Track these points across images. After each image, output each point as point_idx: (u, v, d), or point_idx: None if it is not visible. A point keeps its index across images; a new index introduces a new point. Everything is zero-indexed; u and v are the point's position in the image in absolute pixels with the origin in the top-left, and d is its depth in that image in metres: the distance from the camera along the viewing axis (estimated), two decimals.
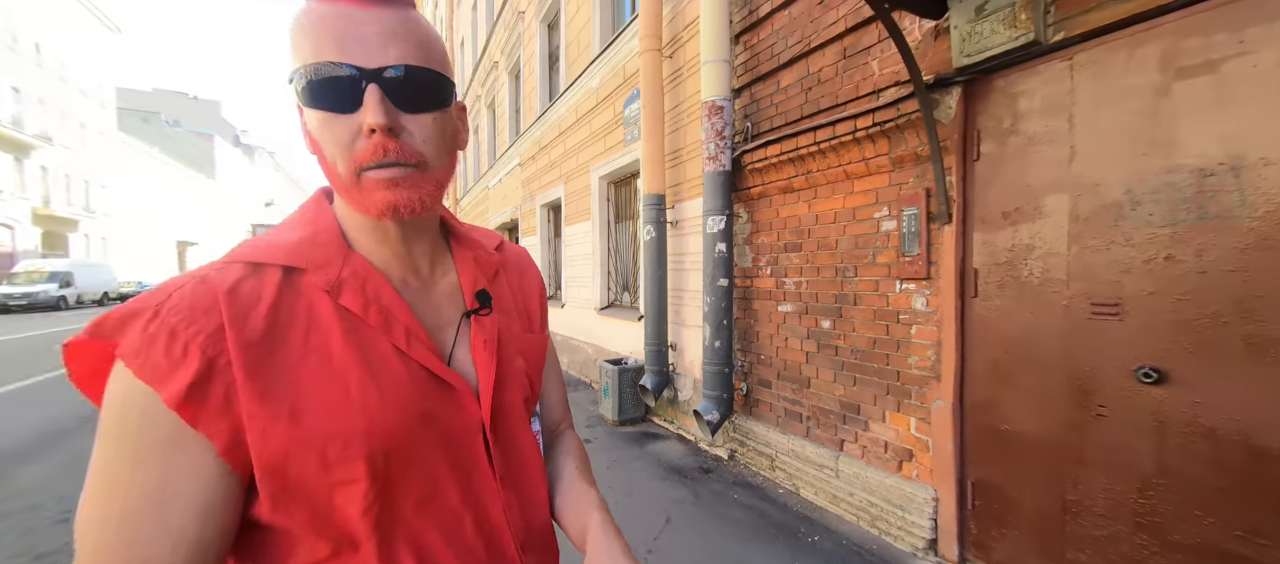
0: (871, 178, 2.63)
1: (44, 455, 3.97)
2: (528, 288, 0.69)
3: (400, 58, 0.47)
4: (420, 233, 0.57)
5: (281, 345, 0.46)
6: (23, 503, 3.14)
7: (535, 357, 0.65)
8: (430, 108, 0.49)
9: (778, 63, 3.20)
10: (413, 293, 0.56)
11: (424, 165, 0.50)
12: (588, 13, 5.99)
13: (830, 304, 2.89)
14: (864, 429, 2.71)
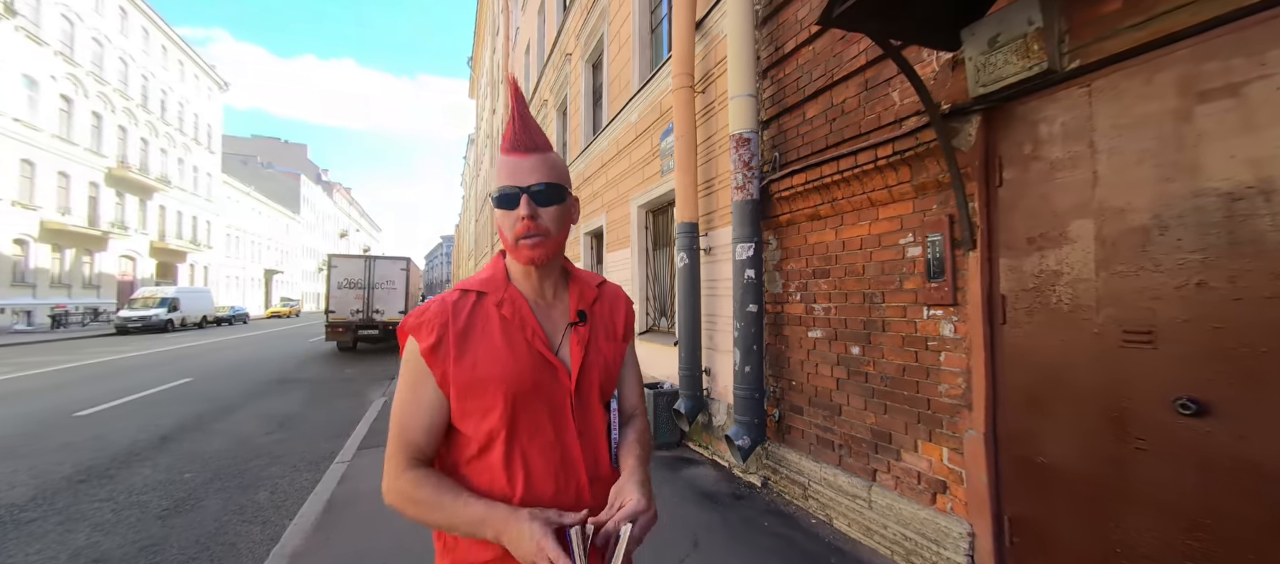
0: (896, 205, 2.65)
1: (153, 457, 4.55)
2: (616, 312, 1.01)
3: (537, 180, 0.84)
4: (547, 274, 0.93)
5: (471, 332, 0.86)
6: (134, 499, 3.62)
7: (613, 358, 0.96)
8: (553, 204, 0.86)
9: (803, 95, 3.30)
10: (540, 310, 0.92)
11: (547, 234, 0.86)
12: (628, 54, 6.35)
13: (859, 330, 2.89)
14: (896, 459, 2.66)
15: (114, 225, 24.60)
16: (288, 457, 4.62)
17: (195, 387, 8.13)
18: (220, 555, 2.87)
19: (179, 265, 30.81)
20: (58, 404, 6.72)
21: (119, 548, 2.93)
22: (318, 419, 6.09)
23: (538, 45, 12.54)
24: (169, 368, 10.27)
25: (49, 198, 20.88)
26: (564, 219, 0.89)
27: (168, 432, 5.41)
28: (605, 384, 0.94)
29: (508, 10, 17.42)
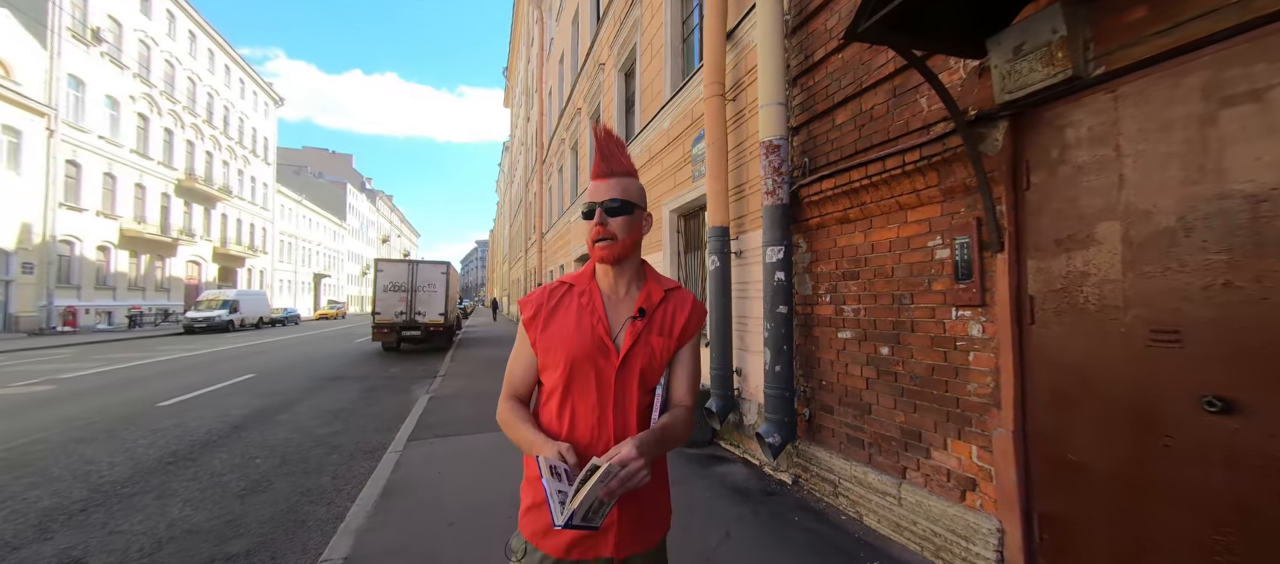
0: (924, 208, 2.72)
1: (226, 444, 5.00)
2: (678, 315, 1.17)
3: (610, 196, 1.11)
4: (621, 273, 1.17)
5: (557, 312, 1.15)
6: (212, 482, 4.02)
7: (660, 351, 1.13)
8: (620, 215, 1.11)
9: (832, 102, 3.39)
10: (611, 302, 1.16)
11: (614, 238, 1.11)
12: (660, 63, 6.53)
13: (888, 331, 2.95)
14: (926, 457, 2.71)
15: (182, 232, 26.58)
16: (345, 446, 4.99)
17: (258, 382, 8.77)
18: (292, 530, 3.18)
19: (238, 270, 32.94)
20: (142, 395, 7.41)
21: (207, 521, 3.29)
22: (370, 413, 6.51)
23: (572, 55, 12.91)
24: (233, 365, 11.08)
25: (127, 207, 22.79)
26: (631, 227, 1.11)
27: (238, 421, 5.91)
28: (647, 371, 1.10)
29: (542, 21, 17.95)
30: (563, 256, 14.13)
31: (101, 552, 2.85)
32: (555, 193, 15.84)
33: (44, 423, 5.73)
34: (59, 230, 19.03)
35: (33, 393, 7.60)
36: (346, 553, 2.68)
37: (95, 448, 4.79)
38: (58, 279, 19.12)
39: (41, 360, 11.60)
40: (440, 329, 14.05)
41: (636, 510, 1.09)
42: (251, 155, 35.04)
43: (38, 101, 17.91)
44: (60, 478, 3.99)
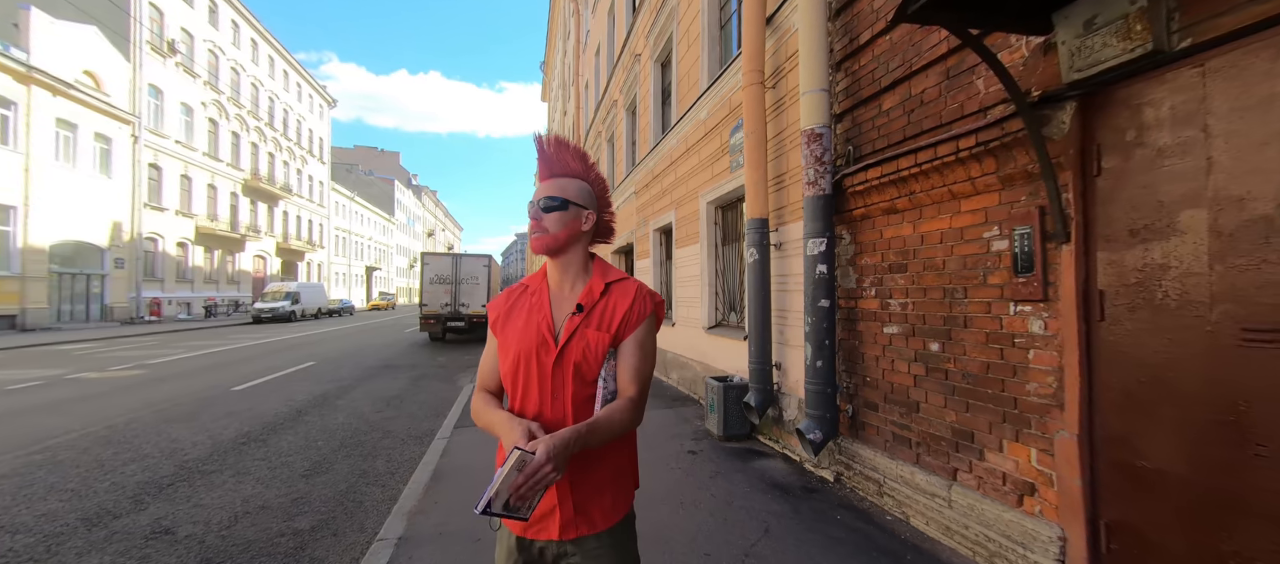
0: (979, 197, 2.57)
1: (291, 427, 5.38)
2: (617, 307, 1.17)
3: (547, 195, 1.17)
4: (566, 269, 1.21)
5: (512, 312, 1.22)
6: (280, 462, 4.32)
7: (596, 345, 1.13)
8: (556, 211, 1.16)
9: (878, 87, 3.24)
10: (557, 299, 1.20)
11: (546, 231, 1.16)
12: (697, 52, 6.43)
13: (939, 326, 2.82)
14: (979, 458, 2.59)
15: (249, 229, 28.55)
16: (397, 432, 5.26)
17: (317, 369, 9.35)
18: (351, 510, 3.39)
19: (298, 263, 35.10)
20: (219, 380, 8.06)
21: (277, 498, 3.55)
22: (419, 400, 6.83)
23: (608, 47, 12.90)
24: (295, 353, 11.86)
25: (201, 206, 24.68)
26: (566, 222, 1.16)
27: (301, 406, 6.33)
28: (582, 364, 1.12)
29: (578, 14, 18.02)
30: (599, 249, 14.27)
31: (187, 522, 3.14)
32: None
33: (136, 404, 6.33)
34: (144, 228, 20.85)
35: (127, 376, 8.40)
36: (400, 534, 2.83)
37: (180, 428, 5.26)
38: (144, 273, 20.98)
39: (132, 347, 12.79)
40: (482, 320, 14.53)
41: (581, 496, 1.12)
42: (308, 155, 37.10)
43: (124, 110, 19.59)
44: (151, 455, 4.41)
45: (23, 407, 6.14)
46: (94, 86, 18.30)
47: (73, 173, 17.41)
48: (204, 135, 25.02)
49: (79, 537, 2.94)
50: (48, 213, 16.23)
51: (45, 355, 10.96)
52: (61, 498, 3.48)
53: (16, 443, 4.68)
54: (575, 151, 1.20)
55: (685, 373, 6.88)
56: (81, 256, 18.17)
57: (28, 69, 15.30)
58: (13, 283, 15.22)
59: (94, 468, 4.06)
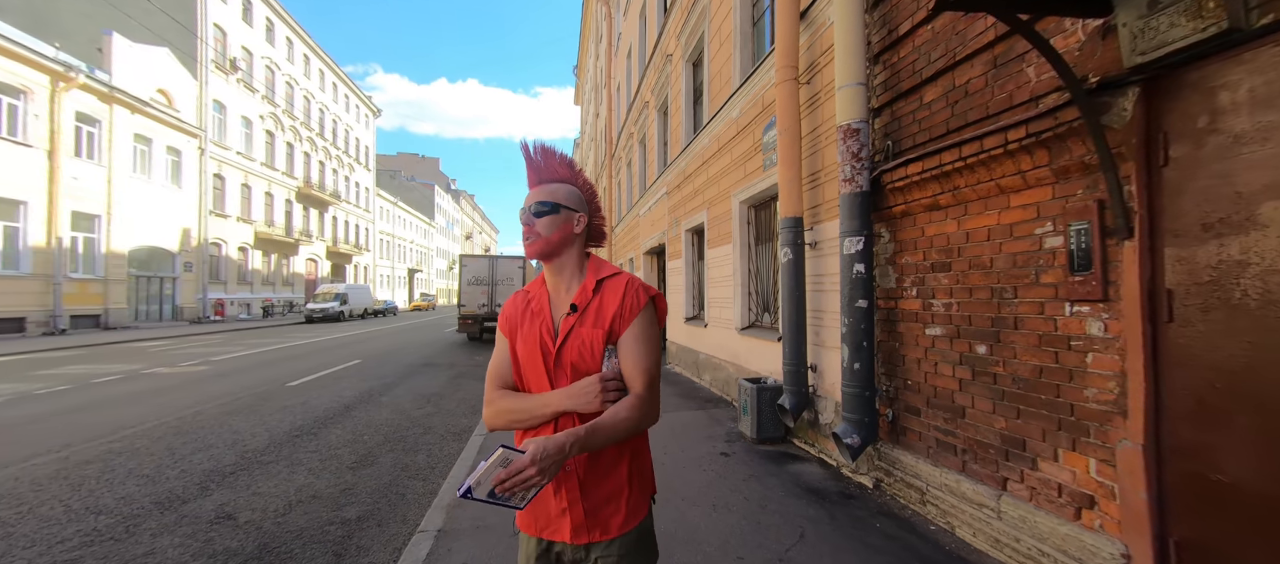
0: (1030, 191, 2.43)
1: (340, 421, 5.65)
2: (608, 303, 1.17)
3: (537, 201, 1.19)
4: (560, 271, 1.22)
5: (515, 318, 1.24)
6: (330, 455, 4.55)
7: (591, 342, 1.14)
8: (547, 216, 1.18)
9: (920, 78, 3.12)
10: (554, 300, 1.23)
11: (538, 236, 1.18)
12: (729, 49, 6.37)
13: (986, 328, 2.68)
14: (1031, 468, 2.44)
15: (302, 233, 30.19)
16: (437, 428, 5.44)
17: (364, 367, 9.79)
18: (394, 502, 3.53)
19: (346, 266, 36.86)
20: (275, 376, 8.56)
21: (327, 488, 3.74)
22: (457, 397, 7.04)
23: (639, 48, 12.95)
24: (343, 351, 12.45)
25: (259, 213, 26.28)
26: (557, 226, 1.18)
27: (349, 402, 6.65)
28: (579, 364, 1.13)
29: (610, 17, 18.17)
30: (632, 249, 14.30)
31: (247, 509, 3.35)
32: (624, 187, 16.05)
33: (202, 397, 6.80)
34: (209, 234, 22.38)
35: (194, 372, 9.05)
36: (439, 526, 2.93)
37: (240, 420, 5.61)
38: (209, 276, 22.53)
39: (199, 344, 13.76)
40: None
41: (593, 501, 1.11)
42: (355, 163, 38.92)
43: (192, 125, 21.12)
44: (215, 445, 4.73)
45: (106, 398, 6.70)
46: (166, 104, 19.81)
47: (148, 184, 18.89)
48: (262, 146, 26.64)
49: (153, 519, 3.18)
50: (126, 221, 17.67)
51: (125, 351, 11.92)
52: (138, 482, 3.78)
53: (101, 431, 5.12)
54: (562, 158, 1.23)
55: (718, 374, 6.81)
56: (155, 261, 19.69)
57: (110, 89, 16.72)
58: (97, 285, 16.66)
59: (166, 456, 4.39)
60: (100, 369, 9.14)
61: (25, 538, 2.92)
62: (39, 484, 3.72)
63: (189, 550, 2.80)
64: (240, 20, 25.17)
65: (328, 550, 2.83)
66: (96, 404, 6.37)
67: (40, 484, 3.72)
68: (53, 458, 4.30)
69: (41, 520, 3.14)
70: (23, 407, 6.18)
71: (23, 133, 14.29)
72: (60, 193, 15.09)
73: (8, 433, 5.03)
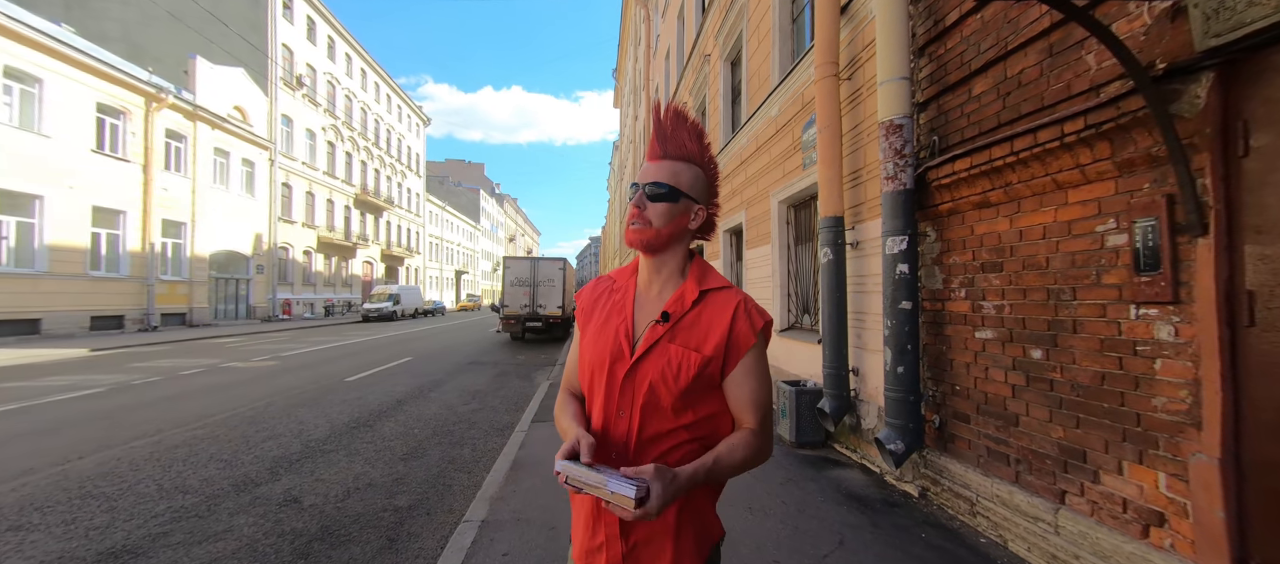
0: (1090, 186, 2.28)
1: (393, 415, 5.97)
2: (712, 325, 0.97)
3: (656, 179, 0.99)
4: (658, 269, 1.03)
5: (594, 309, 1.09)
6: (384, 446, 4.82)
7: (679, 364, 0.94)
8: (664, 201, 0.98)
9: (968, 70, 2.99)
10: (644, 301, 1.04)
11: (649, 224, 0.98)
12: (767, 48, 6.28)
13: (1041, 331, 2.54)
14: (1093, 481, 2.30)
15: (359, 237, 32.02)
16: (481, 423, 5.66)
17: (414, 364, 10.29)
18: (442, 492, 3.71)
19: (399, 268, 38.78)
20: (334, 372, 9.15)
21: (381, 477, 3.98)
22: (501, 395, 7.29)
23: (677, 50, 12.96)
24: (396, 349, 13.12)
25: (321, 218, 28.09)
26: (672, 216, 0.97)
27: (401, 397, 7.02)
28: (659, 384, 0.93)
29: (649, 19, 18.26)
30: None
31: (311, 493, 3.61)
32: None
33: (272, 390, 7.37)
34: (278, 239, 24.14)
35: (265, 366, 9.80)
36: (483, 517, 3.06)
37: (305, 411, 6.04)
38: (278, 277, 24.29)
39: (269, 341, 14.87)
40: (558, 320, 15.17)
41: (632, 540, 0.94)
42: (407, 170, 40.90)
43: (263, 138, 22.85)
44: (283, 434, 5.12)
45: (191, 390, 7.38)
46: (241, 119, 21.54)
47: (226, 193, 20.60)
48: (324, 156, 28.48)
49: (230, 500, 3.49)
50: (208, 227, 19.34)
51: (206, 347, 13.06)
52: (217, 466, 4.15)
53: (187, 419, 5.65)
54: (693, 129, 1.01)
55: None
56: (232, 264, 21.43)
57: (194, 108, 18.37)
58: (183, 286, 18.31)
59: (241, 443, 4.80)
60: (186, 363, 10.06)
61: (126, 511, 3.28)
62: (136, 465, 4.16)
63: (261, 529, 3.06)
64: (305, 39, 27.00)
65: (381, 535, 3.02)
66: (183, 394, 7.02)
67: (137, 465, 4.16)
68: (147, 442, 4.78)
69: (138, 497, 3.51)
70: (123, 396, 6.90)
71: (123, 149, 15.93)
72: (153, 203, 16.70)
73: (112, 419, 5.64)
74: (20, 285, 12.99)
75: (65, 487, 3.67)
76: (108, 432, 5.09)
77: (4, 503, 3.38)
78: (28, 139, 13.17)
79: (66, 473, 3.94)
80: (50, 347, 11.70)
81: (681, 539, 0.94)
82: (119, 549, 2.80)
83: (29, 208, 13.35)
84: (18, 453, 4.40)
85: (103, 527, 3.06)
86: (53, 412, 5.94)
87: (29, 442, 4.73)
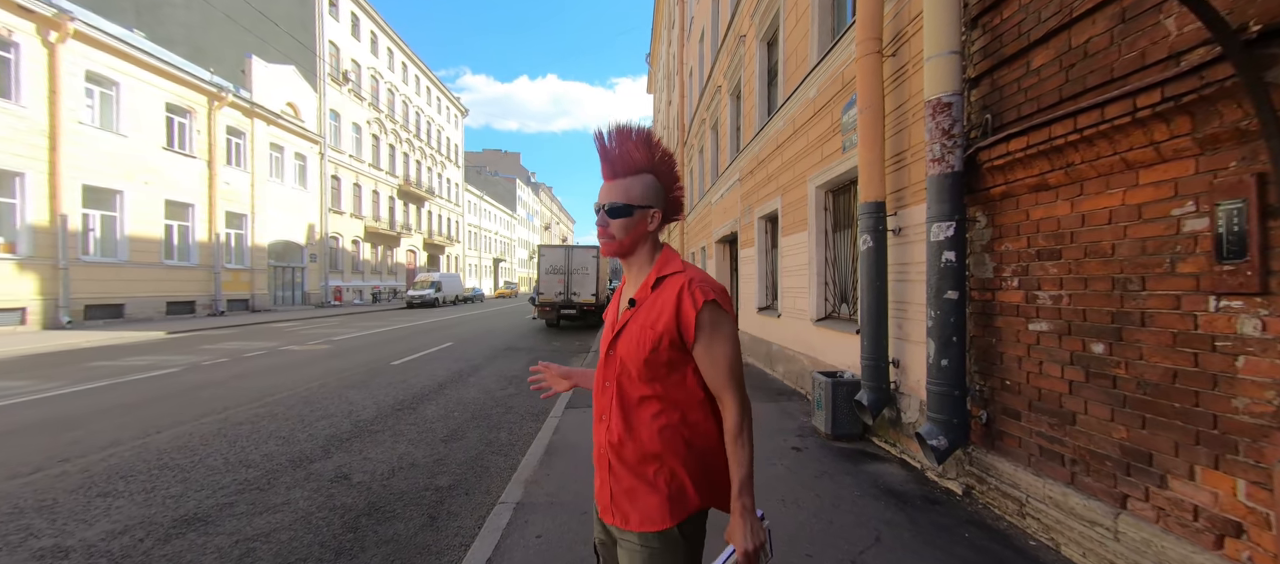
0: (1166, 165, 2.08)
1: (434, 398, 6.22)
2: (663, 302, 1.13)
3: (610, 201, 1.16)
4: (632, 266, 1.23)
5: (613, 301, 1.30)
6: (426, 428, 5.03)
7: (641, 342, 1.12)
8: (622, 217, 1.16)
9: (1027, 41, 2.77)
10: (627, 290, 1.25)
11: (613, 237, 1.18)
12: (806, 25, 6.04)
13: (1104, 324, 2.35)
14: (1159, 485, 2.13)
15: (402, 227, 33.28)
16: (517, 408, 5.82)
17: (455, 349, 10.66)
18: (480, 474, 3.84)
19: (440, 256, 40.15)
20: (382, 355, 9.60)
21: (423, 457, 4.16)
22: None
23: (712, 31, 12.66)
24: (438, 334, 13.63)
25: (367, 209, 29.34)
26: (631, 227, 1.16)
27: (442, 380, 7.29)
28: (628, 361, 1.14)
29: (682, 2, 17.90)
30: (704, 238, 14.15)
31: (359, 471, 3.82)
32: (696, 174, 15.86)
33: (325, 372, 7.81)
34: (329, 229, 25.42)
35: (319, 350, 10.39)
36: (518, 499, 3.15)
37: (355, 393, 6.38)
38: (329, 266, 25.62)
39: (322, 326, 15.75)
40: (592, 308, 15.34)
41: (619, 486, 1.14)
42: (446, 161, 42.06)
43: (313, 133, 23.98)
44: (334, 414, 5.42)
45: (253, 370, 7.92)
46: (293, 115, 22.66)
47: (280, 186, 21.80)
48: (369, 149, 29.64)
49: (288, 474, 3.73)
50: (265, 219, 20.55)
51: (266, 331, 13.96)
52: (276, 443, 4.44)
53: (250, 398, 6.07)
54: (639, 140, 1.15)
55: (791, 366, 6.59)
56: (288, 253, 22.74)
57: (252, 105, 19.44)
58: (246, 274, 19.60)
59: (297, 421, 5.11)
60: (249, 346, 10.79)
61: (197, 482, 3.56)
62: (206, 439, 4.51)
63: (315, 503, 3.26)
64: (350, 36, 28.01)
65: (423, 513, 3.16)
66: (246, 375, 7.54)
67: (206, 439, 4.51)
68: (215, 418, 5.17)
69: (208, 469, 3.81)
70: (194, 375, 7.49)
71: (190, 146, 17.08)
72: (217, 196, 17.88)
73: (184, 397, 6.13)
74: (106, 273, 14.24)
75: (145, 458, 4.02)
76: (181, 408, 5.54)
77: (96, 471, 3.74)
78: (109, 138, 14.32)
79: (146, 445, 4.32)
80: (133, 329, 12.79)
81: (654, 494, 1.11)
82: (191, 516, 3.05)
83: (112, 202, 14.56)
84: (107, 425, 4.86)
85: (177, 496, 3.34)
86: (135, 389, 6.51)
87: (116, 416, 5.20)
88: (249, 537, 2.83)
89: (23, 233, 12.29)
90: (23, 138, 12.23)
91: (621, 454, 1.14)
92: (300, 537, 2.84)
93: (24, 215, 12.33)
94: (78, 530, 2.87)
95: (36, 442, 4.38)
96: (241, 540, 2.79)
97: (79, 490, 3.40)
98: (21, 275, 12.24)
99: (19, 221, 12.30)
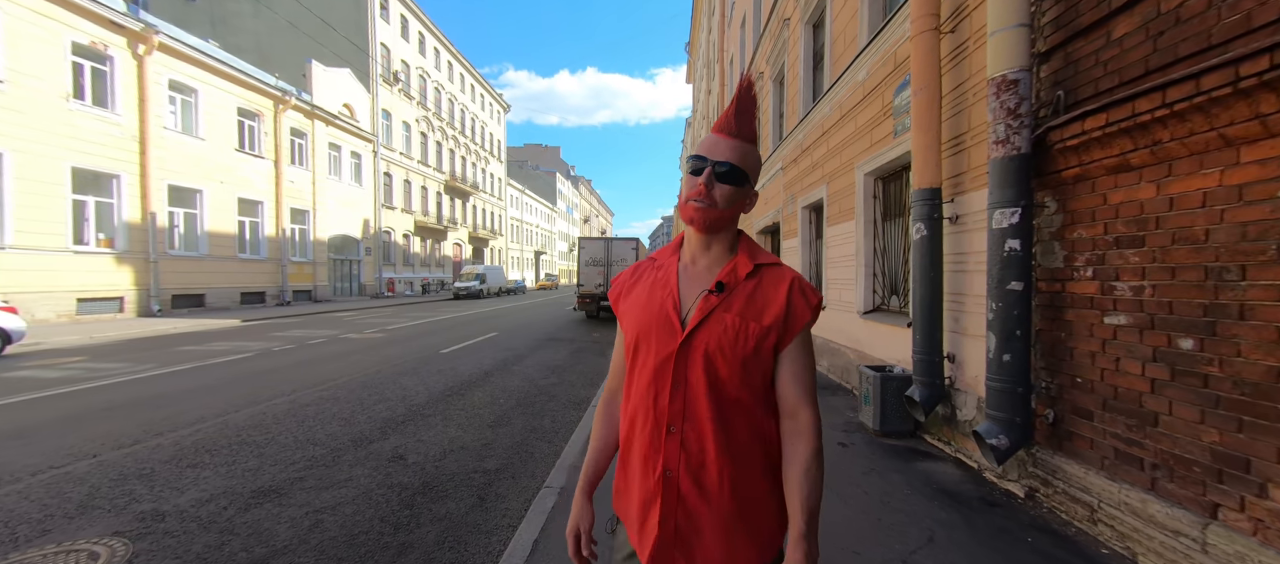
0: (1274, 141, 1.86)
1: (481, 385, 6.45)
2: (770, 300, 0.95)
3: (728, 160, 0.94)
4: (707, 246, 1.01)
5: (635, 287, 1.09)
6: (473, 413, 5.22)
7: (735, 334, 0.93)
8: (730, 184, 0.96)
9: (1108, 9, 2.54)
10: (688, 276, 1.02)
11: (713, 205, 0.95)
12: (855, 4, 5.78)
13: (1195, 317, 2.15)
14: (1257, 494, 1.93)
15: (449, 221, 34.55)
16: (560, 396, 5.95)
17: (499, 340, 11.01)
18: (525, 459, 3.96)
19: (484, 249, 41.45)
20: (431, 344, 10.04)
21: (471, 441, 4.33)
22: (577, 370, 7.60)
23: (754, 16, 12.34)
24: (483, 325, 14.10)
25: (417, 204, 30.62)
26: (736, 199, 0.95)
27: (488, 369, 7.55)
28: (714, 353, 0.92)
29: None
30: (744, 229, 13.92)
31: (413, 452, 4.02)
32: None
33: (381, 359, 8.25)
34: (382, 223, 26.73)
35: (375, 338, 10.98)
36: (562, 485, 3.23)
37: (408, 379, 6.71)
38: (383, 259, 26.98)
39: (377, 316, 16.63)
40: None
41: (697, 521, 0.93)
42: (490, 156, 43.24)
43: (368, 132, 25.22)
44: (391, 399, 5.72)
45: (317, 357, 8.47)
46: (349, 116, 23.90)
47: (338, 183, 23.09)
48: (418, 146, 30.87)
49: (349, 454, 3.98)
50: (326, 215, 21.86)
51: (327, 320, 14.89)
52: (339, 424, 4.75)
53: (315, 381, 6.50)
54: (756, 109, 0.98)
55: (836, 360, 6.40)
56: (346, 246, 24.11)
57: (312, 107, 20.65)
58: (308, 267, 20.95)
59: (357, 404, 5.44)
60: (313, 334, 11.54)
61: (271, 457, 3.86)
62: (278, 418, 4.87)
63: (374, 480, 3.46)
64: (399, 37, 29.16)
65: (473, 493, 3.29)
66: (312, 360, 8.08)
67: (278, 418, 4.87)
68: (285, 400, 5.58)
69: (280, 446, 4.12)
70: (266, 360, 8.09)
71: (259, 147, 18.35)
72: (283, 194, 19.15)
73: (258, 379, 6.64)
74: (189, 266, 15.58)
75: (226, 434, 4.39)
76: (255, 390, 6.00)
77: (185, 444, 4.12)
78: (190, 142, 15.60)
79: (226, 423, 4.71)
80: (212, 318, 13.96)
81: (736, 539, 0.93)
82: (267, 488, 3.31)
83: (193, 200, 15.89)
84: (194, 404, 5.33)
85: (254, 469, 3.63)
86: (216, 371, 7.11)
87: (201, 396, 5.71)
88: (317, 509, 3.04)
89: (119, 229, 13.62)
90: (118, 143, 13.52)
91: (702, 479, 0.93)
92: (362, 510, 3.02)
93: (120, 213, 13.65)
94: (171, 497, 3.17)
95: (136, 416, 4.87)
96: (310, 511, 3.01)
97: (171, 461, 3.75)
98: (119, 268, 13.58)
99: (116, 219, 13.63)
